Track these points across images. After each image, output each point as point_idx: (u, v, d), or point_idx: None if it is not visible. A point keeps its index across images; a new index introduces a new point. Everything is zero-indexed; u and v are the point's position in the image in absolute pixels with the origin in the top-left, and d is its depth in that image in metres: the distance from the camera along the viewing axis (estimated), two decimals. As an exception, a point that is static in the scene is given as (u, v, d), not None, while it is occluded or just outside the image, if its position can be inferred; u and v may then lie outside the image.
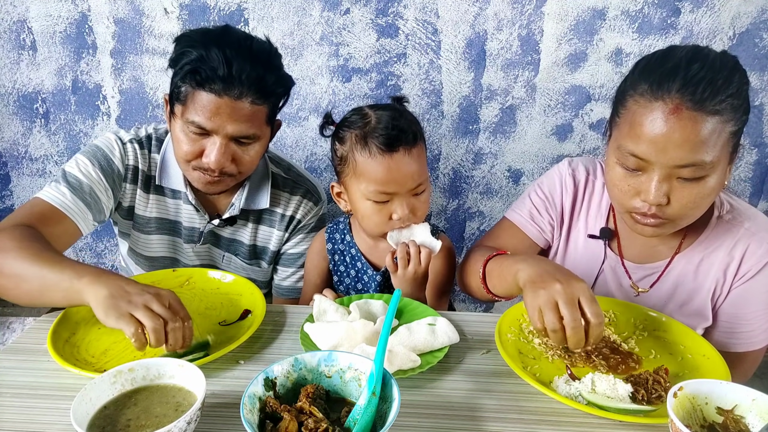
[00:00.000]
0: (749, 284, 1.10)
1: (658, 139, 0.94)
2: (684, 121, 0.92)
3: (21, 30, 1.92)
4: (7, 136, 2.08)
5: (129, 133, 1.32)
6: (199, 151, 1.18)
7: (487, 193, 2.13)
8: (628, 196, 1.03)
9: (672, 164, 0.95)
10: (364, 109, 1.23)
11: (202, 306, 1.13)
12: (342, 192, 1.28)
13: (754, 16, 1.81)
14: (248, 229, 1.40)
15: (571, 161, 1.30)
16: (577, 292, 0.87)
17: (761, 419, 0.74)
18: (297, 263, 1.45)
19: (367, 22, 1.87)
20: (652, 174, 0.98)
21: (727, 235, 1.11)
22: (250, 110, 1.14)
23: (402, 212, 1.18)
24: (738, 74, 0.95)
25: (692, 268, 1.15)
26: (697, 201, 0.99)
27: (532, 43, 1.88)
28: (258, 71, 1.12)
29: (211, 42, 1.10)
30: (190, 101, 1.13)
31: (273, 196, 1.37)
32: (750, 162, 2.04)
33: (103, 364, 0.93)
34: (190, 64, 1.10)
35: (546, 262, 0.97)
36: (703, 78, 0.92)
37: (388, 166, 1.15)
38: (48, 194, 1.19)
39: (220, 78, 1.09)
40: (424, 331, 0.98)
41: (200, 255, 1.43)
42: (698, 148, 0.93)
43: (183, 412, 0.73)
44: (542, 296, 0.87)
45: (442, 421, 0.82)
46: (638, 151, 0.97)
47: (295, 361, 0.79)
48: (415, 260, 1.16)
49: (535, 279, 0.92)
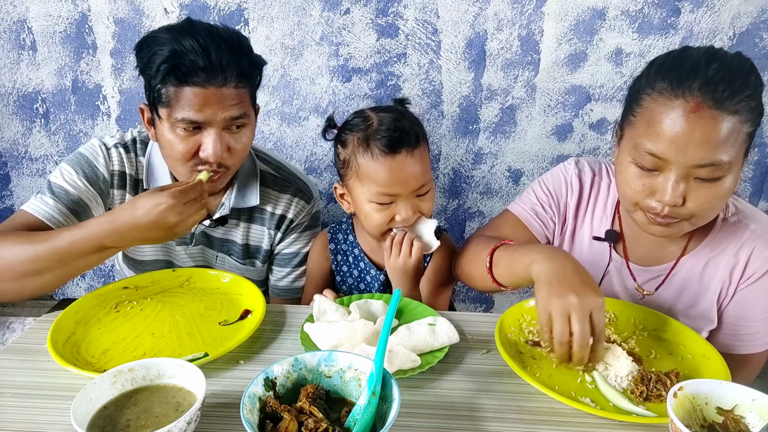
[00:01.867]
0: (754, 287, 1.09)
1: (678, 138, 0.93)
2: (705, 119, 0.91)
3: (21, 30, 1.92)
4: (7, 136, 2.08)
5: (114, 138, 1.31)
6: (195, 149, 1.16)
7: (487, 193, 2.13)
8: (642, 195, 1.01)
9: (691, 164, 0.94)
10: (365, 112, 1.23)
11: (202, 306, 1.13)
12: (345, 194, 1.28)
13: (754, 16, 1.81)
14: (240, 228, 1.39)
15: (578, 161, 1.29)
16: (591, 305, 0.85)
17: (761, 419, 0.74)
18: (292, 263, 1.44)
19: (367, 22, 1.87)
20: (669, 174, 0.96)
21: (733, 237, 1.11)
22: (236, 94, 1.14)
23: (405, 214, 1.18)
24: (754, 76, 0.96)
25: (698, 271, 1.14)
26: (713, 202, 0.98)
27: (532, 43, 1.88)
28: (234, 55, 1.11)
29: (180, 36, 1.08)
30: (175, 100, 1.11)
31: (263, 194, 1.36)
32: (750, 162, 2.04)
33: (103, 364, 0.93)
34: (167, 62, 1.08)
35: (562, 256, 0.95)
36: (723, 78, 0.91)
37: (391, 167, 1.15)
38: (32, 206, 1.20)
39: (201, 68, 1.08)
40: (424, 331, 0.98)
41: (194, 257, 1.42)
42: (718, 147, 0.92)
43: (183, 412, 0.73)
44: (556, 305, 0.86)
45: (442, 421, 0.82)
46: (657, 150, 0.96)
47: (295, 361, 0.79)
48: (406, 251, 1.16)
49: (552, 281, 0.90)
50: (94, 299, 1.13)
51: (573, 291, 0.86)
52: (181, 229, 1.06)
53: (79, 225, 1.07)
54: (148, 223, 1.02)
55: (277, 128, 2.05)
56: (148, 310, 1.11)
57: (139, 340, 1.01)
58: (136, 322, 1.07)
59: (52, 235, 1.05)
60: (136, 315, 1.10)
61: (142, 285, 1.20)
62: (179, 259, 1.43)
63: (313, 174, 2.13)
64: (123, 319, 1.08)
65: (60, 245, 1.04)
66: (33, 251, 1.03)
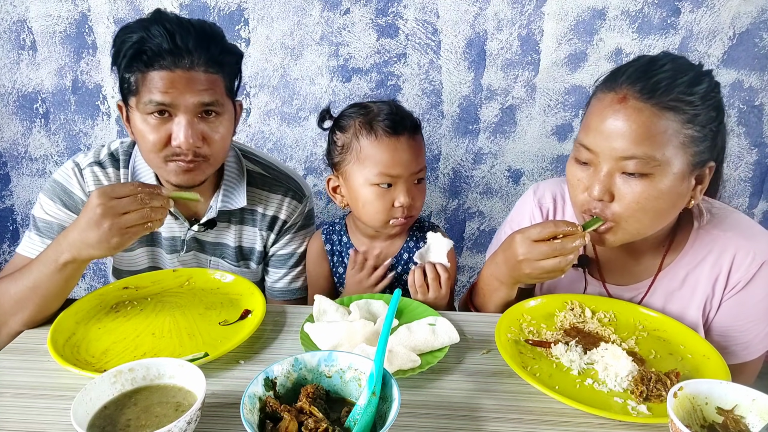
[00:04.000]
0: (740, 295, 1.08)
1: (603, 128, 0.95)
2: (629, 110, 0.93)
3: (21, 30, 1.93)
4: (7, 136, 2.08)
5: (88, 157, 1.30)
6: (166, 138, 1.13)
7: (487, 193, 2.13)
8: (578, 191, 1.03)
9: (616, 155, 0.94)
10: (363, 102, 1.27)
11: (202, 306, 1.13)
12: (339, 185, 1.28)
13: (754, 16, 1.81)
14: (231, 231, 1.37)
15: (537, 189, 1.29)
16: (520, 244, 1.02)
17: (761, 419, 0.74)
18: (288, 264, 1.42)
19: (367, 22, 1.87)
20: (599, 167, 0.97)
21: (711, 246, 1.08)
22: (206, 78, 1.12)
23: (404, 199, 1.20)
24: (707, 86, 0.94)
25: (677, 285, 1.12)
26: (641, 202, 0.95)
27: (532, 43, 1.88)
28: (202, 40, 1.10)
29: (149, 23, 1.08)
30: (143, 86, 1.10)
31: (251, 195, 1.34)
32: (750, 162, 2.04)
33: (103, 364, 0.93)
34: (132, 47, 1.07)
35: (494, 261, 1.11)
36: (656, 73, 0.93)
37: (395, 147, 1.18)
38: (22, 246, 1.25)
39: (167, 51, 1.07)
40: (424, 331, 0.98)
41: (187, 264, 1.39)
42: (643, 139, 0.92)
43: (183, 412, 0.73)
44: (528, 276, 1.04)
45: (442, 421, 0.82)
46: (587, 142, 0.98)
47: (295, 361, 0.79)
48: (435, 287, 1.15)
49: (506, 273, 1.08)
50: (94, 299, 1.13)
51: (511, 263, 1.05)
52: (114, 232, 0.98)
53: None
54: (82, 221, 0.99)
55: (277, 128, 2.05)
56: (148, 310, 1.11)
57: (139, 340, 1.01)
58: (136, 322, 1.07)
59: (27, 267, 1.08)
60: (136, 315, 1.10)
61: (143, 285, 1.20)
62: (172, 267, 1.40)
63: (312, 174, 2.13)
64: (123, 319, 1.08)
65: (30, 273, 1.06)
66: (14, 287, 1.06)
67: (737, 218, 1.11)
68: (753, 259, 1.04)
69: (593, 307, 1.11)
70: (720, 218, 1.10)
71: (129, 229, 0.99)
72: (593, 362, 0.93)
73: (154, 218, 1.01)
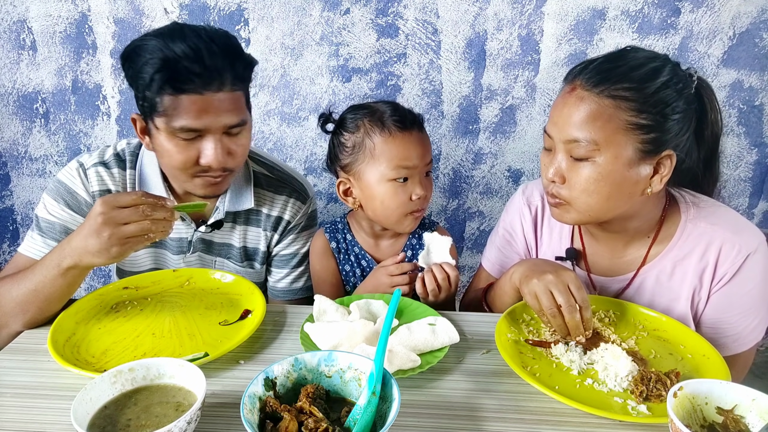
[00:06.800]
0: (728, 287, 1.09)
1: (556, 116, 1.04)
2: (574, 98, 1.01)
3: (21, 30, 1.93)
4: (7, 136, 2.09)
5: (93, 157, 1.29)
6: (195, 157, 1.14)
7: (487, 193, 2.13)
8: (543, 175, 1.10)
9: (563, 138, 1.02)
10: (363, 104, 1.28)
11: (202, 306, 1.13)
12: (350, 187, 1.28)
13: (754, 16, 1.81)
14: (237, 231, 1.38)
15: (525, 188, 1.33)
16: (567, 279, 0.98)
17: (761, 419, 0.74)
18: (290, 264, 1.43)
19: (367, 22, 1.87)
20: (555, 152, 1.05)
21: (698, 239, 1.10)
22: (232, 98, 1.12)
23: (421, 191, 1.23)
24: (667, 78, 0.98)
25: (665, 277, 1.13)
26: (586, 185, 1.02)
27: (532, 43, 1.88)
28: (228, 58, 1.09)
29: (171, 41, 1.05)
30: (171, 109, 1.08)
31: (257, 196, 1.34)
32: (750, 162, 2.04)
33: (103, 364, 0.93)
34: (160, 71, 1.04)
35: (532, 259, 1.07)
36: (610, 66, 1.01)
37: (408, 141, 1.22)
38: (24, 246, 1.24)
39: (196, 75, 1.05)
40: (424, 331, 0.98)
41: (191, 265, 1.39)
42: (582, 124, 0.99)
43: (183, 412, 0.73)
44: (536, 285, 0.99)
45: (442, 421, 0.82)
46: (548, 129, 1.07)
47: (295, 361, 0.79)
48: (446, 286, 1.18)
49: (527, 273, 1.03)
50: (94, 299, 1.13)
51: (547, 272, 0.99)
52: (113, 242, 0.98)
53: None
54: (85, 228, 0.99)
55: (277, 128, 2.05)
56: (149, 310, 1.11)
57: (139, 340, 1.01)
58: (136, 322, 1.07)
59: (30, 269, 1.07)
60: (136, 315, 1.10)
61: (143, 285, 1.20)
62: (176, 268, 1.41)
63: (312, 174, 2.13)
64: (123, 319, 1.08)
65: (33, 275, 1.05)
66: (16, 289, 1.06)
67: (724, 212, 1.13)
68: (739, 251, 1.07)
69: (593, 307, 1.11)
70: (708, 212, 1.12)
71: (129, 239, 0.99)
72: (593, 362, 0.93)
73: (155, 230, 1.00)
